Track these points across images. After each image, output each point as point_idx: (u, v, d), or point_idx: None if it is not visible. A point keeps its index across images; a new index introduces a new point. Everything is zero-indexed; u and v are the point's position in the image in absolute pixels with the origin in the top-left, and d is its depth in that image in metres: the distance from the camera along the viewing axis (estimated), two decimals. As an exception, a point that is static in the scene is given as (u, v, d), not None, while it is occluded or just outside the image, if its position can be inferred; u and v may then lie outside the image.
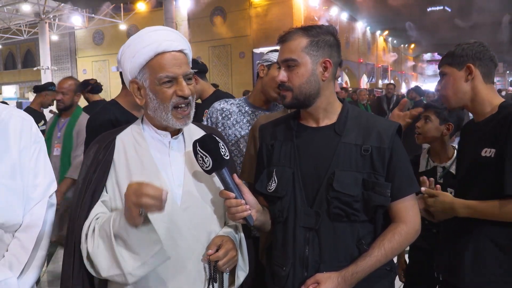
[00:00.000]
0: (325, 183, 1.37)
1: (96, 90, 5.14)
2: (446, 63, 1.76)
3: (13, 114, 1.38)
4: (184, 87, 1.33)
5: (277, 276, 1.45)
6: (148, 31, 1.36)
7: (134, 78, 1.36)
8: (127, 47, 1.36)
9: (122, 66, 1.39)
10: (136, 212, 1.13)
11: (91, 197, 1.30)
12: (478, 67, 1.68)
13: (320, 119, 1.47)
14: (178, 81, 1.33)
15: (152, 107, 1.35)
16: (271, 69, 2.10)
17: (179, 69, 1.32)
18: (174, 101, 1.33)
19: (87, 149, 1.42)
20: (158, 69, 1.31)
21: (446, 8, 21.96)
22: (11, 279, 1.27)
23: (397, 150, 1.40)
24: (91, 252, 1.22)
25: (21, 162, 1.34)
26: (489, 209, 1.55)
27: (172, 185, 1.35)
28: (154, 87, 1.32)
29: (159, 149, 1.39)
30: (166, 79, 1.31)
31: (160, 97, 1.32)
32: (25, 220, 1.33)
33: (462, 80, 1.70)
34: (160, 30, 1.37)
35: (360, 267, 1.33)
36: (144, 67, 1.33)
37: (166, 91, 1.32)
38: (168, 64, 1.31)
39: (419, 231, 1.42)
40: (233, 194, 1.30)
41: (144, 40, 1.32)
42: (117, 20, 20.99)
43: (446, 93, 1.76)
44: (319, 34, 1.41)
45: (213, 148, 1.30)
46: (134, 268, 1.18)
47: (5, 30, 22.80)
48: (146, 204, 1.11)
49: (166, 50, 1.32)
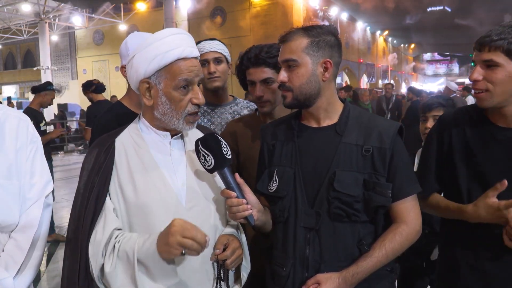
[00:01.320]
0: (326, 183, 1.37)
1: (99, 90, 5.23)
2: (501, 50, 1.35)
3: (9, 114, 1.37)
4: (200, 95, 1.34)
5: (277, 276, 1.45)
6: (169, 34, 1.34)
7: (147, 78, 1.34)
8: (145, 46, 1.33)
9: (134, 65, 1.35)
10: (179, 251, 1.17)
11: (95, 203, 1.28)
12: None
13: (321, 119, 1.46)
14: (194, 88, 1.33)
15: (162, 111, 1.34)
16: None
17: (196, 75, 1.33)
18: (190, 109, 1.33)
19: (87, 154, 1.40)
20: (178, 73, 1.30)
21: (446, 8, 21.95)
22: (6, 280, 1.27)
23: (398, 150, 1.39)
24: (108, 272, 1.22)
25: (18, 162, 1.33)
26: None
27: (176, 185, 1.34)
28: (169, 91, 1.31)
29: (159, 149, 1.38)
30: (184, 83, 1.31)
31: (175, 104, 1.32)
32: (21, 220, 1.33)
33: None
34: (181, 34, 1.36)
35: (361, 268, 1.32)
36: (162, 70, 1.31)
37: (182, 99, 1.32)
38: (188, 69, 1.31)
39: (420, 232, 1.41)
40: (234, 194, 1.29)
41: (167, 44, 1.30)
42: (117, 20, 21.00)
43: (493, 89, 1.38)
44: (320, 34, 1.40)
45: (215, 147, 1.29)
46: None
47: (5, 30, 22.82)
48: (191, 247, 1.16)
49: (188, 56, 1.32)
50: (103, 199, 1.29)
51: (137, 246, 1.22)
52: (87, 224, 1.27)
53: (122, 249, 1.23)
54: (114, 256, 1.23)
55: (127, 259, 1.22)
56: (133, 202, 1.30)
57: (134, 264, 1.20)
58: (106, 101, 5.27)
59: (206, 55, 2.14)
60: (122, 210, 1.31)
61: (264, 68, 1.82)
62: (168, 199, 1.31)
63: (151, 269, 1.22)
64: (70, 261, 1.30)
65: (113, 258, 1.23)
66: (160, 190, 1.31)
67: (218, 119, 2.20)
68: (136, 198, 1.30)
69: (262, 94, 1.83)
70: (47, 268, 4.30)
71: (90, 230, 1.26)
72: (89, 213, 1.27)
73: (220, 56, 2.15)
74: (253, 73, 1.85)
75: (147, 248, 1.21)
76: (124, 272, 1.22)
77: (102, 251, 1.24)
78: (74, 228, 1.30)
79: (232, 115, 2.21)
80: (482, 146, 1.47)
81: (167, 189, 1.32)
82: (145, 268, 1.22)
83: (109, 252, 1.23)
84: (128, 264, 1.22)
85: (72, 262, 1.29)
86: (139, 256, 1.21)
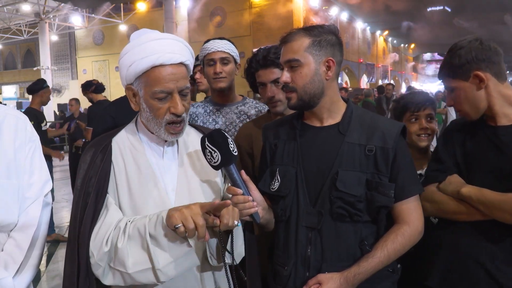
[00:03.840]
0: (328, 182, 1.36)
1: (99, 90, 5.24)
2: (447, 76, 1.51)
3: (7, 113, 1.37)
4: (178, 105, 1.28)
5: (278, 275, 1.44)
6: (150, 39, 1.29)
7: (130, 85, 1.33)
8: (125, 53, 1.32)
9: (120, 70, 1.36)
10: (178, 223, 1.15)
11: (94, 204, 1.27)
12: (486, 69, 1.43)
13: (324, 118, 1.46)
14: (173, 96, 1.29)
15: (145, 117, 1.34)
16: (205, 67, 2.20)
17: (174, 84, 1.28)
18: (168, 118, 1.30)
19: (83, 153, 1.39)
20: (153, 83, 1.27)
21: (446, 8, 21.97)
22: (6, 279, 1.26)
23: (401, 150, 1.39)
24: (121, 247, 1.21)
25: (16, 161, 1.33)
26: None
27: (167, 189, 1.34)
28: (148, 99, 1.29)
29: (154, 151, 1.38)
30: (161, 95, 1.28)
31: (154, 112, 1.30)
32: (20, 219, 1.32)
33: (474, 91, 1.45)
34: (164, 39, 1.30)
35: (362, 268, 1.32)
36: (140, 77, 1.29)
37: (160, 108, 1.28)
38: (164, 78, 1.26)
39: (422, 232, 1.40)
40: (240, 191, 1.28)
41: (144, 50, 1.26)
42: (117, 20, 21.01)
43: (463, 108, 1.51)
44: (321, 33, 1.40)
45: (222, 143, 1.27)
46: (164, 265, 1.20)
47: (5, 30, 22.84)
48: (189, 230, 1.15)
49: (165, 63, 1.27)
50: (103, 199, 1.28)
51: (148, 217, 1.22)
52: (87, 225, 1.26)
53: (133, 226, 1.23)
54: (126, 234, 1.22)
55: (139, 233, 1.21)
56: (127, 204, 1.30)
57: (146, 236, 1.20)
58: (106, 101, 5.27)
59: (213, 54, 2.13)
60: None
61: (273, 69, 1.85)
62: (160, 203, 1.31)
63: (160, 238, 1.20)
64: (70, 261, 1.29)
65: (125, 236, 1.22)
66: (153, 195, 1.31)
67: (223, 118, 2.20)
68: (131, 200, 1.30)
69: (273, 95, 1.86)
70: (47, 268, 4.30)
71: (90, 230, 1.25)
72: (89, 214, 1.26)
73: (227, 56, 2.14)
74: (262, 75, 1.88)
75: (157, 215, 1.21)
76: (137, 246, 1.21)
77: (106, 240, 1.22)
78: (74, 228, 1.29)
79: (238, 115, 2.20)
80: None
81: (159, 193, 1.32)
82: (155, 240, 1.21)
83: (120, 233, 1.22)
84: (140, 238, 1.21)
85: (72, 262, 1.28)
86: (150, 229, 1.20)
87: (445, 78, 1.53)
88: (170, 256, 1.21)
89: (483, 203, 1.38)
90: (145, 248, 1.21)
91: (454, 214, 1.48)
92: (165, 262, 1.20)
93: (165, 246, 1.21)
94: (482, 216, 1.40)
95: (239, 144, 1.95)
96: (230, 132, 2.15)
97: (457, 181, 1.48)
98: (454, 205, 1.47)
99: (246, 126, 2.04)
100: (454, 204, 1.47)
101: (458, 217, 1.48)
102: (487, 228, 1.41)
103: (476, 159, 1.49)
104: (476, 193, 1.40)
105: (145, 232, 1.20)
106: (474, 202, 1.41)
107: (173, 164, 1.39)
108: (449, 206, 1.48)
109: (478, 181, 1.44)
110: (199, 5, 19.43)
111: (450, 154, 1.55)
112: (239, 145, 1.95)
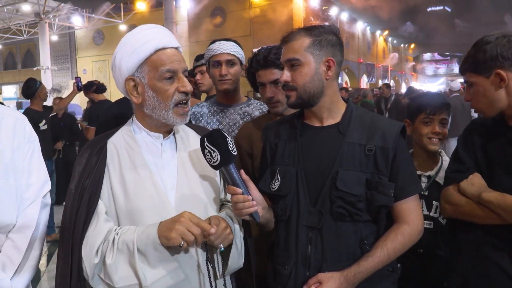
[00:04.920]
0: (328, 182, 1.37)
1: (100, 90, 5.27)
2: (469, 70, 1.47)
3: (6, 114, 1.36)
4: (186, 82, 1.33)
5: (279, 275, 1.45)
6: (145, 28, 1.35)
7: (131, 76, 1.34)
8: (123, 44, 1.35)
9: (116, 65, 1.36)
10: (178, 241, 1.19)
11: (87, 206, 1.28)
12: (509, 68, 1.38)
13: (324, 118, 1.46)
14: (179, 76, 1.33)
15: (150, 106, 1.33)
16: (211, 68, 2.21)
17: (179, 64, 1.33)
18: (176, 98, 1.32)
19: (79, 155, 1.39)
20: (159, 64, 1.30)
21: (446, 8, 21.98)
22: (4, 280, 1.26)
23: (401, 150, 1.39)
24: (109, 264, 1.22)
25: (15, 162, 1.33)
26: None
27: (166, 188, 1.34)
28: (154, 83, 1.31)
29: (151, 151, 1.38)
30: (168, 74, 1.30)
31: (161, 95, 1.31)
32: (18, 220, 1.32)
33: (493, 89, 1.41)
34: (157, 27, 1.37)
35: (362, 267, 1.32)
36: (144, 63, 1.31)
37: (168, 89, 1.31)
38: (169, 59, 1.31)
39: (422, 232, 1.41)
40: (240, 190, 1.29)
41: (144, 36, 1.32)
42: (117, 20, 21.00)
43: (479, 106, 1.48)
44: (322, 33, 1.41)
45: (222, 143, 1.28)
46: (152, 282, 1.22)
47: (5, 30, 22.81)
48: (189, 241, 1.19)
49: (166, 46, 1.32)
50: (96, 202, 1.28)
51: (137, 234, 1.23)
52: (79, 227, 1.26)
53: (122, 240, 1.24)
54: (114, 248, 1.23)
55: (127, 249, 1.22)
56: (123, 205, 1.30)
57: (134, 253, 1.21)
58: (107, 101, 5.29)
59: (219, 56, 2.13)
60: (113, 212, 1.31)
61: (273, 69, 1.85)
62: (158, 202, 1.31)
63: (149, 256, 1.23)
64: (62, 262, 1.30)
65: (114, 251, 1.23)
66: (151, 194, 1.31)
67: (227, 119, 2.20)
68: (127, 201, 1.30)
69: (272, 95, 1.87)
70: (47, 268, 4.30)
71: (82, 233, 1.26)
72: (81, 216, 1.27)
73: (233, 58, 2.15)
74: (262, 75, 1.89)
75: (147, 234, 1.22)
76: (125, 262, 1.23)
77: (95, 251, 1.23)
78: (66, 229, 1.29)
79: (242, 116, 2.20)
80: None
81: (157, 192, 1.32)
82: (144, 257, 1.23)
83: (109, 247, 1.23)
84: (128, 254, 1.22)
85: (65, 264, 1.28)
86: (139, 244, 1.21)
87: (466, 71, 1.49)
88: (158, 273, 1.24)
89: (504, 209, 1.35)
90: (132, 264, 1.23)
91: (472, 217, 1.46)
92: (153, 279, 1.23)
93: (154, 263, 1.24)
94: (501, 220, 1.38)
95: (239, 144, 1.96)
96: (234, 133, 2.14)
97: (480, 184, 1.45)
98: (472, 208, 1.44)
99: (246, 126, 2.05)
100: (472, 207, 1.44)
101: (476, 220, 1.45)
102: (509, 231, 1.39)
103: (497, 159, 1.46)
104: (497, 198, 1.37)
105: (133, 249, 1.22)
106: (495, 207, 1.37)
107: (172, 162, 1.39)
108: (467, 209, 1.46)
109: (499, 183, 1.42)
110: (199, 5, 19.43)
111: (471, 155, 1.53)
112: (239, 145, 1.95)
